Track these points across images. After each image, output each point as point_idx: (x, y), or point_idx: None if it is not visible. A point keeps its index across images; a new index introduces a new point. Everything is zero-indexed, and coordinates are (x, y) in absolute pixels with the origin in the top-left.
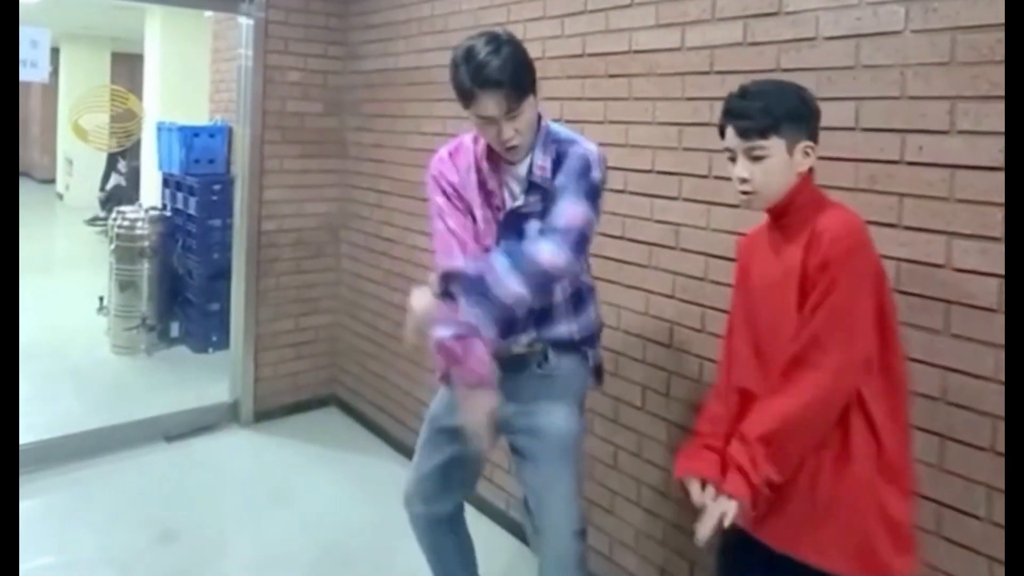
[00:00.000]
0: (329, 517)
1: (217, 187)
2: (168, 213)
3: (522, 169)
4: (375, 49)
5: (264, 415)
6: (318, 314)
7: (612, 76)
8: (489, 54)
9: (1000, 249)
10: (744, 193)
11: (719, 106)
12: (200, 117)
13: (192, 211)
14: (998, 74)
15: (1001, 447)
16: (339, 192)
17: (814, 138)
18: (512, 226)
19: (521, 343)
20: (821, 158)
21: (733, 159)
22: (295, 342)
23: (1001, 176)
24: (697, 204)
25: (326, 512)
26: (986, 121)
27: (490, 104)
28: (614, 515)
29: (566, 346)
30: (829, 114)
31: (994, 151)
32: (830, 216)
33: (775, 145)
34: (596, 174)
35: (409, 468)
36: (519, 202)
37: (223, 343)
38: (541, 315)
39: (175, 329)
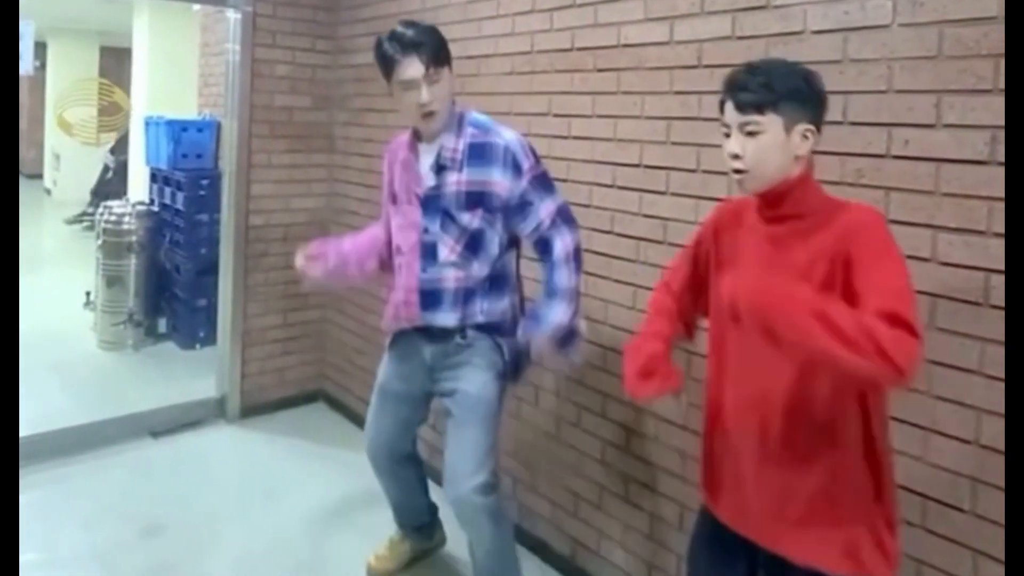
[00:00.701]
0: (316, 512)
1: (205, 182)
2: (155, 208)
3: (433, 150)
4: (364, 43)
5: (251, 411)
6: (306, 309)
7: (600, 70)
8: (407, 26)
9: (984, 243)
10: (736, 171)
11: (707, 100)
12: (189, 111)
13: (180, 206)
14: (985, 68)
15: (985, 440)
16: (327, 187)
17: (816, 123)
18: (431, 208)
19: (451, 323)
20: (818, 152)
21: (728, 135)
22: (283, 337)
23: (986, 170)
24: (685, 198)
25: (313, 507)
26: (972, 115)
27: (411, 67)
28: (601, 510)
29: (480, 326)
30: None
31: (979, 145)
32: (855, 208)
33: (771, 121)
34: (527, 163)
35: (367, 429)
36: (431, 183)
37: (210, 339)
38: (468, 292)
39: (162, 325)
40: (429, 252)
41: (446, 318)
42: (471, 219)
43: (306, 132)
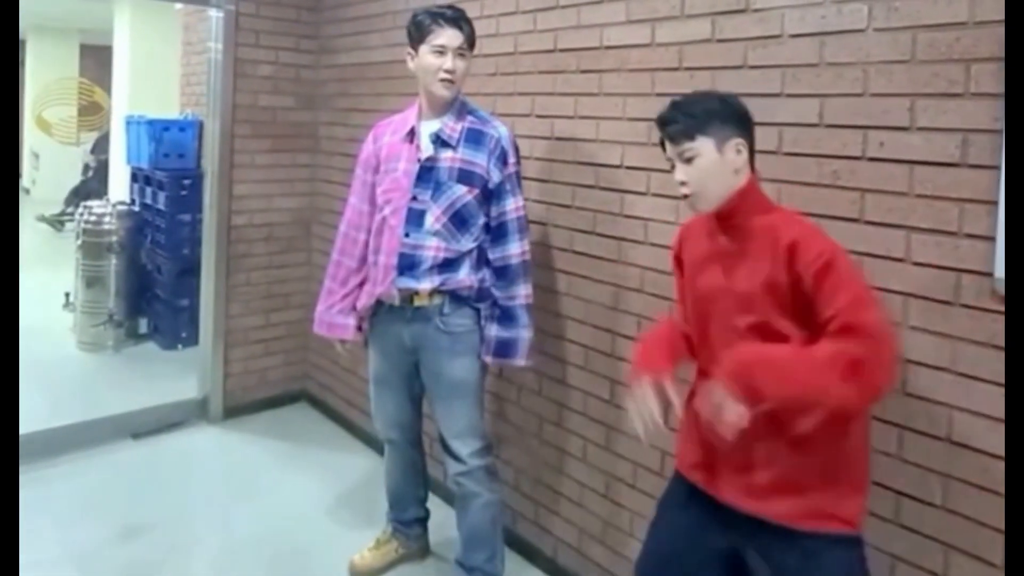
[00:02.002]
0: (297, 512)
1: (187, 182)
2: (136, 208)
3: (435, 126)
4: (349, 43)
5: (233, 411)
6: (289, 309)
7: (583, 72)
8: (448, 8)
9: (955, 243)
10: (686, 196)
11: None
12: (171, 111)
13: (161, 206)
14: (956, 72)
15: (957, 436)
16: (311, 187)
17: (745, 137)
18: (425, 177)
19: (424, 292)
20: (786, 154)
21: (673, 167)
22: (265, 338)
23: (957, 172)
24: (665, 199)
25: (294, 507)
26: (944, 118)
27: (450, 35)
28: (583, 507)
29: (465, 299)
30: (794, 111)
31: (951, 147)
32: (791, 225)
33: (702, 144)
34: (512, 159)
35: (374, 413)
36: (429, 152)
37: (192, 339)
38: (447, 263)
39: (143, 325)
40: (415, 218)
41: (421, 283)
42: (463, 193)
43: (289, 132)
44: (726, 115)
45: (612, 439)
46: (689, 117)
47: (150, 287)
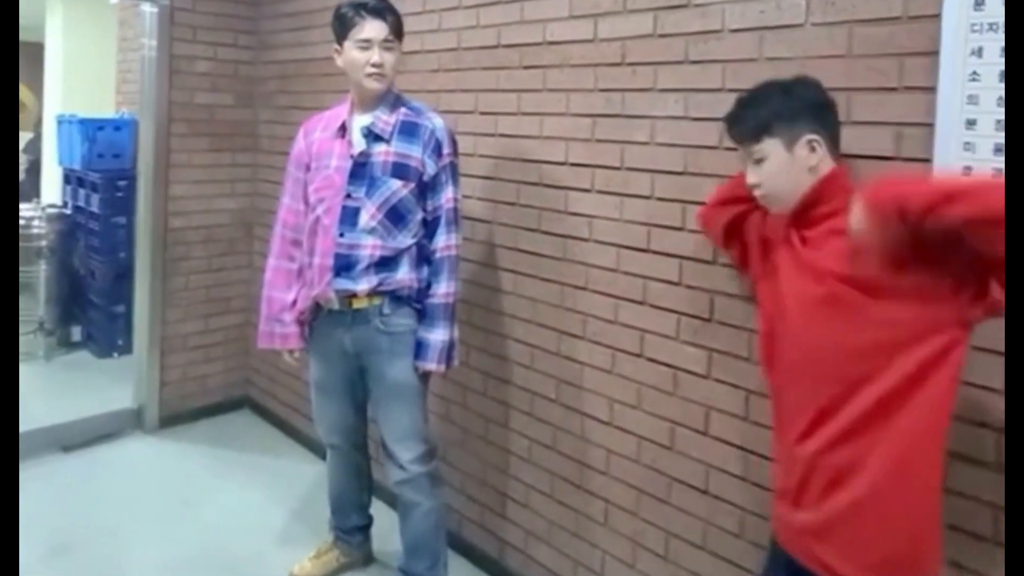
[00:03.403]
0: (237, 523)
1: (122, 183)
2: (68, 211)
3: (367, 120)
4: (289, 39)
5: (171, 420)
6: (229, 314)
7: (526, 67)
8: None
9: None
10: (760, 197)
11: (631, 97)
12: (107, 110)
13: (95, 208)
14: (890, 66)
15: None
16: (251, 187)
17: (821, 131)
18: (358, 174)
19: (362, 293)
20: (728, 149)
21: (744, 165)
22: (205, 343)
23: (892, 165)
24: (610, 196)
25: (234, 518)
26: (879, 112)
27: (374, 28)
28: (529, 508)
29: (405, 299)
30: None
31: (886, 141)
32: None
33: (769, 145)
34: (447, 150)
35: (317, 419)
36: (362, 148)
37: (129, 347)
38: (384, 262)
39: (76, 333)
40: (350, 216)
41: (358, 284)
42: (398, 188)
43: (228, 130)
44: (795, 111)
45: (558, 439)
46: (753, 119)
47: (83, 293)
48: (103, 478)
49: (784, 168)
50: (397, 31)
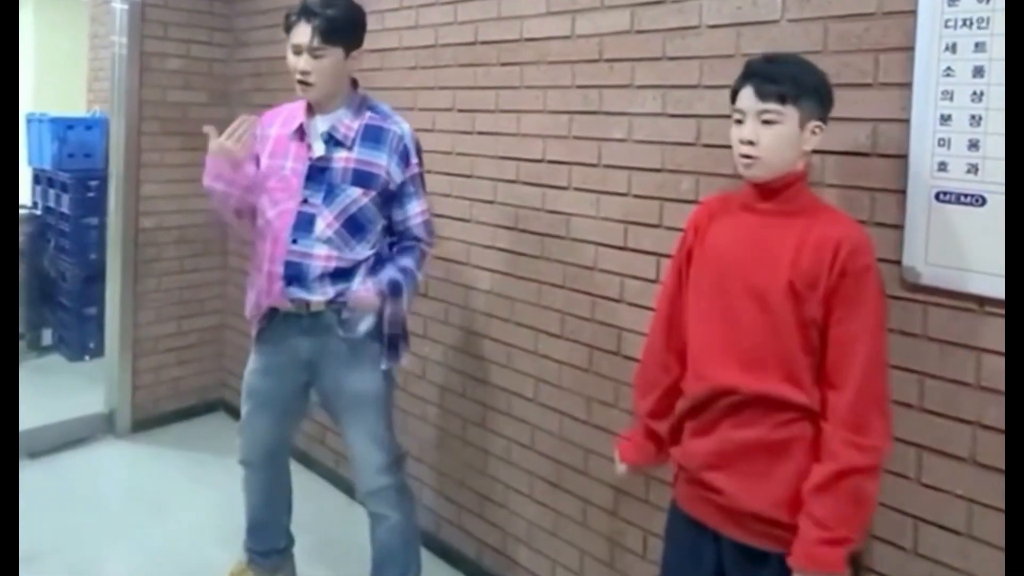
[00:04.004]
0: (211, 527)
1: (93, 183)
2: (38, 212)
3: (328, 123)
4: (264, 36)
5: (143, 424)
6: (204, 315)
7: (504, 64)
8: None
9: (864, 229)
10: (746, 156)
11: (608, 94)
12: (78, 108)
13: (65, 209)
14: (866, 62)
15: None
16: None
17: (824, 121)
18: (316, 179)
19: (318, 300)
20: (705, 145)
21: (741, 121)
22: (178, 346)
23: (867, 161)
24: (587, 193)
25: (205, 520)
26: (854, 108)
27: (300, 33)
28: (507, 509)
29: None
30: (711, 102)
31: (860, 137)
32: (843, 223)
33: (790, 113)
34: (415, 159)
35: (242, 435)
36: (320, 152)
37: (101, 350)
38: (340, 273)
39: (47, 336)
40: (304, 223)
41: (313, 295)
42: (358, 196)
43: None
44: (822, 94)
45: (536, 438)
46: (792, 82)
47: (54, 296)
48: (72, 484)
49: (790, 140)
50: (328, 36)
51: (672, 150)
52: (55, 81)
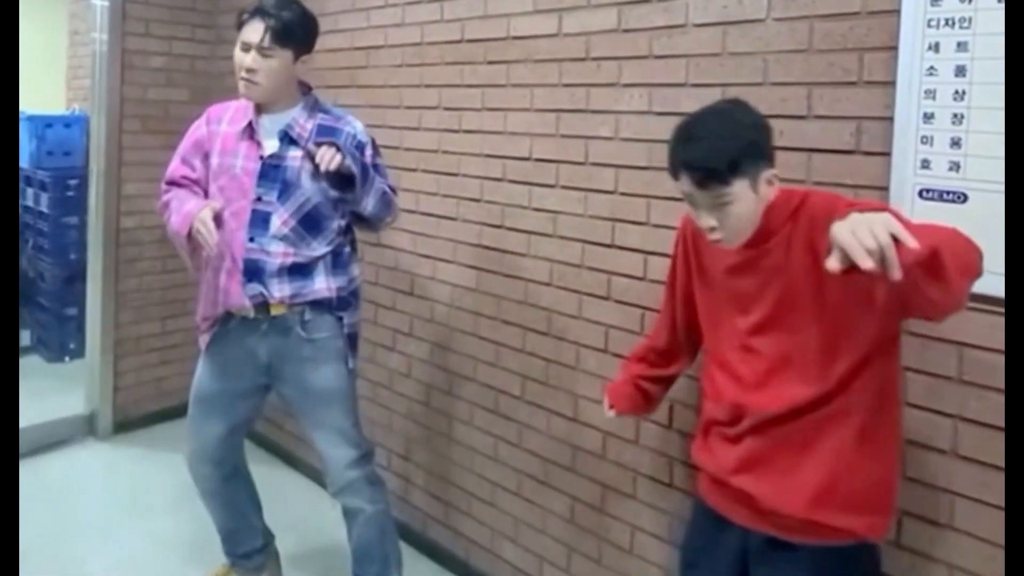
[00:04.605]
0: (193, 528)
1: (73, 182)
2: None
3: (280, 121)
4: None
5: (125, 426)
6: (187, 315)
7: (491, 62)
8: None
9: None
10: (716, 240)
11: (595, 92)
12: (57, 106)
13: (44, 208)
14: (850, 61)
15: None
16: None
17: (773, 160)
18: (269, 177)
19: (276, 300)
20: None
21: (693, 204)
22: (161, 346)
23: (851, 159)
24: (574, 191)
25: (190, 523)
26: (839, 106)
27: (251, 31)
28: (495, 507)
29: (326, 306)
30: (698, 100)
31: (845, 135)
32: (808, 198)
33: (739, 187)
34: (369, 151)
35: (188, 443)
36: (273, 150)
37: (81, 351)
38: (297, 269)
39: (26, 337)
40: (260, 221)
41: (271, 290)
42: (312, 194)
43: (184, 127)
44: (760, 145)
45: (524, 436)
46: (722, 160)
47: (33, 296)
48: (50, 488)
49: (750, 208)
50: (279, 37)
51: (659, 148)
52: (33, 78)
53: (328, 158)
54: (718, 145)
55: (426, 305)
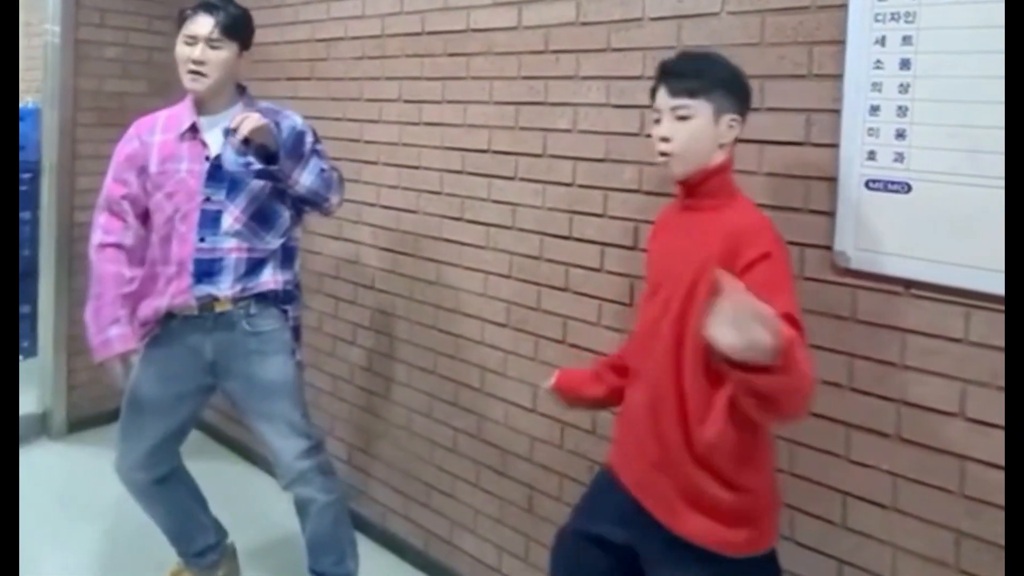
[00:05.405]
0: (149, 528)
1: (26, 176)
2: None
3: (221, 121)
4: None
5: (80, 425)
6: None
7: (451, 55)
8: None
9: (801, 219)
10: (663, 154)
11: (554, 85)
12: None
13: None
14: (800, 54)
15: None
16: None
17: (742, 114)
18: (215, 175)
19: (227, 296)
20: (648, 135)
21: (659, 120)
22: None
23: (802, 150)
24: (533, 183)
25: (146, 523)
26: (790, 98)
27: (199, 24)
28: (454, 498)
29: (271, 299)
30: None
31: (797, 127)
32: (743, 213)
33: (702, 107)
34: (310, 139)
35: (121, 448)
36: (219, 150)
37: (35, 349)
38: (251, 264)
39: None
40: (210, 221)
41: (221, 289)
42: (260, 188)
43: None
44: (734, 88)
45: (483, 428)
46: (700, 76)
47: None
48: None
49: (704, 134)
50: (228, 29)
51: (616, 140)
52: None
53: (243, 122)
54: (703, 64)
55: (387, 299)
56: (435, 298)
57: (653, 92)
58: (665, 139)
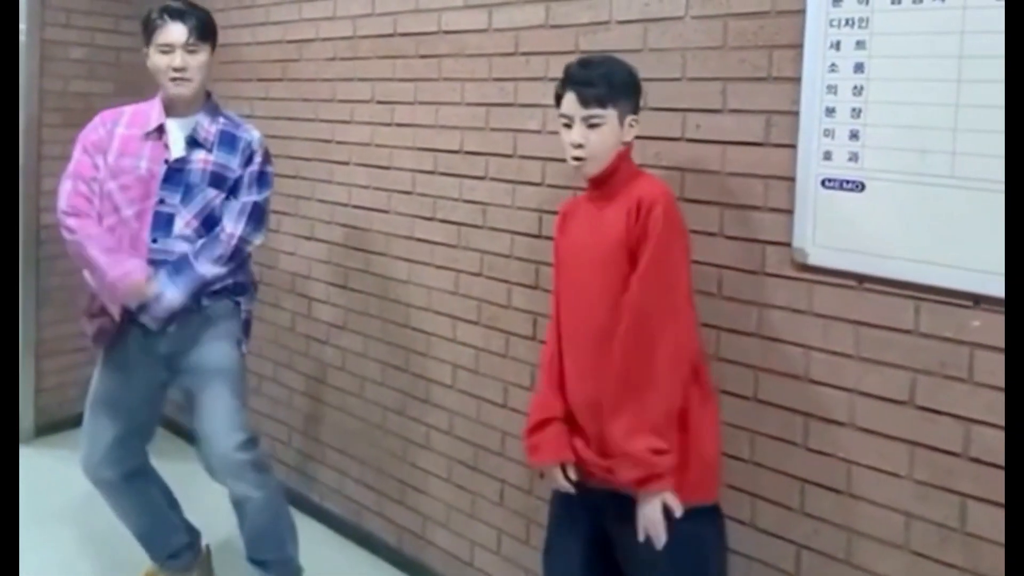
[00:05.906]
0: (119, 532)
1: None
2: None
3: (187, 125)
4: None
5: (48, 428)
6: None
7: (423, 57)
8: (178, 1)
9: (761, 217)
10: (576, 159)
11: (524, 87)
12: None
13: None
14: (760, 58)
15: (763, 395)
16: None
17: (638, 112)
18: (174, 180)
19: None
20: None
21: (569, 125)
22: (85, 345)
23: (762, 151)
24: (503, 183)
25: (116, 527)
26: (750, 100)
27: (173, 32)
28: (426, 494)
29: (222, 292)
30: None
31: (757, 128)
32: (644, 185)
33: (610, 115)
34: (258, 159)
35: (86, 449)
36: (180, 153)
37: None
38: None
39: None
40: (163, 223)
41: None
42: (212, 197)
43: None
44: (635, 91)
45: (454, 424)
46: (608, 85)
47: None
48: None
49: (612, 137)
50: (201, 33)
51: None
52: None
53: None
54: (608, 73)
55: (359, 298)
56: (407, 297)
57: (559, 98)
58: (579, 145)
